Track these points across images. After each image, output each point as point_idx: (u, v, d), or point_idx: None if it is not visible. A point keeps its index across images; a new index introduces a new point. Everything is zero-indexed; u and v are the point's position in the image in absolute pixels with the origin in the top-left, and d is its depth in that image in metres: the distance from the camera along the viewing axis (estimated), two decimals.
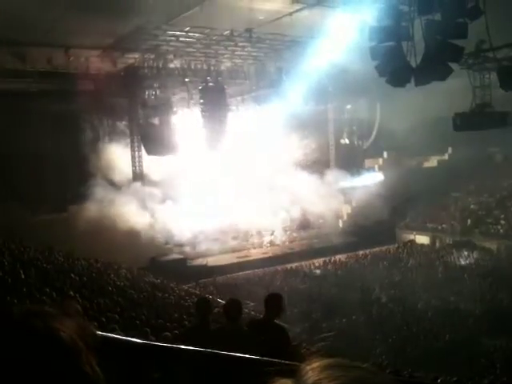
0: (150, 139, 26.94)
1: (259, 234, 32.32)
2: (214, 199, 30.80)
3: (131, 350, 2.76)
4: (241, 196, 31.84)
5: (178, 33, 21.90)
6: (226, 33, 22.03)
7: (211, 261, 27.59)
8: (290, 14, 19.96)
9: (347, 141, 37.41)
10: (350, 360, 0.80)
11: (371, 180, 36.01)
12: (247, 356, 3.08)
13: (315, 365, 0.76)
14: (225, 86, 26.29)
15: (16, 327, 0.79)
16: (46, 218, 24.92)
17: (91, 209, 25.47)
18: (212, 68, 25.26)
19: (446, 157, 39.01)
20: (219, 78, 25.87)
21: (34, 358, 0.75)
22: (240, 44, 23.08)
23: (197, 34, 21.92)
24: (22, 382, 0.75)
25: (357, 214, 33.53)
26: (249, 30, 21.80)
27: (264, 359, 3.06)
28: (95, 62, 24.41)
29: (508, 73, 15.34)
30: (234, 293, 23.12)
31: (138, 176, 28.15)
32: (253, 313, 13.69)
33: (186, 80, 25.41)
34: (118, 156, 27.56)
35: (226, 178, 31.72)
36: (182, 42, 22.73)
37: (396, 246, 32.38)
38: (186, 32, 21.78)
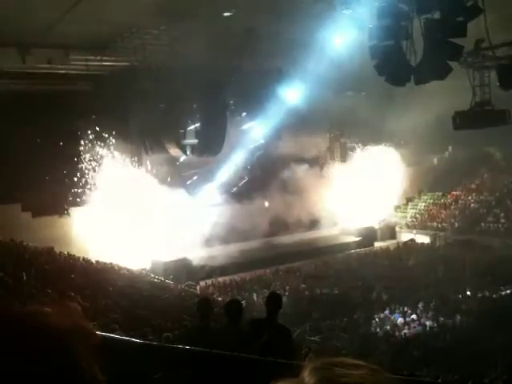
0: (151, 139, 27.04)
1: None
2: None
3: (132, 350, 2.76)
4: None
5: (177, 33, 21.85)
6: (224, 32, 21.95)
7: (212, 261, 27.40)
8: (289, 11, 19.90)
9: (347, 140, 37.41)
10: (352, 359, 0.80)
11: (371, 178, 35.94)
12: (249, 356, 3.08)
13: (318, 364, 0.76)
14: (223, 86, 26.20)
15: (11, 325, 0.79)
16: (47, 219, 24.95)
17: (92, 210, 25.44)
18: (210, 68, 25.13)
19: (446, 155, 39.03)
20: (218, 78, 25.75)
21: (29, 353, 0.75)
22: (239, 43, 23.01)
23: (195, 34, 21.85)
24: (18, 377, 0.74)
25: (357, 212, 33.50)
26: (248, 29, 21.75)
27: (266, 359, 3.06)
28: (94, 63, 24.35)
29: (507, 71, 15.31)
30: (235, 293, 23.14)
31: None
32: (254, 313, 13.70)
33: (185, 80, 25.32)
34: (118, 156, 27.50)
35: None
36: (180, 41, 22.66)
37: (396, 244, 32.36)
38: (185, 32, 21.73)
